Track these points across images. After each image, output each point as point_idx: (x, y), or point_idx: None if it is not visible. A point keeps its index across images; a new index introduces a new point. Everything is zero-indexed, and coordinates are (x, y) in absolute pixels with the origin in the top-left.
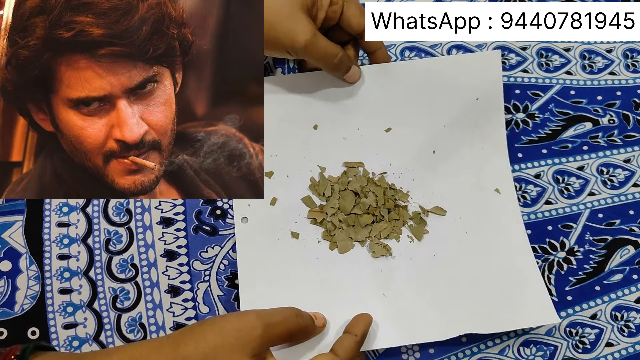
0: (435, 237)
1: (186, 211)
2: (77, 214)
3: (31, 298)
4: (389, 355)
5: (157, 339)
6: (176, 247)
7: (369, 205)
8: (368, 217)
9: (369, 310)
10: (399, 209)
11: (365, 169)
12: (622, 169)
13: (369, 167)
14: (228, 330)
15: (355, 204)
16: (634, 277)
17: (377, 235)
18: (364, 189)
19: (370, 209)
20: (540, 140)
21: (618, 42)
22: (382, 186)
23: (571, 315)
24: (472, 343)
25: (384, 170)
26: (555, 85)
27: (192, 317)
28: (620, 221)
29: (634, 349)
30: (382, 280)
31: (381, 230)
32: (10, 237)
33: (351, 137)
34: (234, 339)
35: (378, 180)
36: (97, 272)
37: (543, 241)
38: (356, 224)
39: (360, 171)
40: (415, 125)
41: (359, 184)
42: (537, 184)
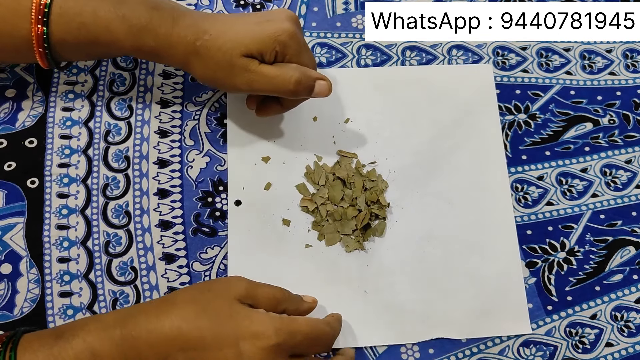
0: (425, 238)
1: (184, 214)
2: (76, 217)
3: (31, 301)
4: (389, 355)
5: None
6: (175, 250)
7: (352, 197)
8: (352, 210)
9: (349, 305)
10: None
11: (358, 161)
12: (624, 170)
13: (363, 160)
14: (213, 283)
15: (342, 197)
16: (634, 278)
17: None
18: (350, 178)
19: (354, 201)
20: (543, 142)
21: (618, 42)
22: (363, 177)
23: (571, 315)
24: (472, 343)
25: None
26: (555, 85)
27: None
28: (622, 222)
29: (634, 349)
30: (366, 276)
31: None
32: (12, 239)
33: (349, 132)
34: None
35: (368, 173)
36: (97, 274)
37: (543, 241)
38: (343, 217)
39: (353, 162)
40: (411, 126)
41: (346, 172)
42: (539, 186)
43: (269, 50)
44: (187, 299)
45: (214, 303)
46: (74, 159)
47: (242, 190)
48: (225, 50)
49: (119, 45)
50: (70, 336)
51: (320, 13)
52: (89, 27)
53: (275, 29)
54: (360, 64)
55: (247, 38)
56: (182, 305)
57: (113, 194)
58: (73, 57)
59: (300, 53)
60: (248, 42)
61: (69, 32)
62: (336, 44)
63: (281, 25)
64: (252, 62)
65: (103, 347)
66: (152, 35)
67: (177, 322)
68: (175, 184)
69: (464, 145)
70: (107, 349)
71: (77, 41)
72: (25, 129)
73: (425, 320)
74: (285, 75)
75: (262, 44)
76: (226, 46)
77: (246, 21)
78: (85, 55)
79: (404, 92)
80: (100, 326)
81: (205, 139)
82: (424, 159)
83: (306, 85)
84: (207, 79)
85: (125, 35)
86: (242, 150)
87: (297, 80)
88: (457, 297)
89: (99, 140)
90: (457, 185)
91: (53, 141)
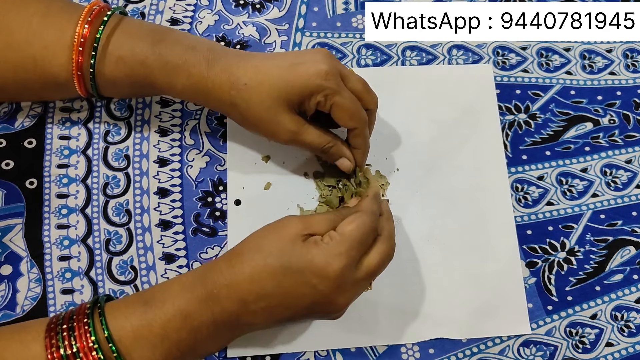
0: (425, 238)
1: (184, 214)
2: (76, 216)
3: (32, 299)
4: (389, 355)
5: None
6: (175, 250)
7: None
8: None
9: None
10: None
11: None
12: (624, 170)
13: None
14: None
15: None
16: (634, 277)
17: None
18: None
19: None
20: (543, 141)
21: (618, 42)
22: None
23: (571, 315)
24: (472, 343)
25: (377, 167)
26: (555, 85)
27: None
28: (622, 222)
29: (634, 349)
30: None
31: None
32: (11, 241)
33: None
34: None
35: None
36: (97, 272)
37: (543, 241)
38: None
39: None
40: (411, 126)
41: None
42: (540, 186)
43: (306, 98)
44: (252, 247)
45: (276, 245)
46: (73, 159)
47: (242, 190)
48: (268, 107)
49: (153, 81)
50: (159, 302)
51: (320, 13)
52: (125, 60)
53: (311, 72)
54: (360, 64)
55: (284, 91)
56: (249, 256)
57: (113, 193)
58: (111, 91)
59: (339, 92)
60: (287, 95)
61: (107, 65)
62: (336, 44)
63: (316, 67)
64: (296, 121)
65: (192, 308)
66: (185, 74)
67: (248, 271)
68: (175, 183)
69: (464, 145)
70: (196, 309)
71: (114, 75)
72: (24, 130)
73: (425, 320)
74: (321, 142)
75: (301, 93)
76: (266, 103)
77: (280, 66)
78: (122, 91)
79: (404, 92)
80: (185, 288)
81: (205, 139)
82: (424, 158)
83: (334, 157)
84: (248, 129)
85: (159, 72)
86: (242, 150)
87: (327, 151)
88: (457, 297)
89: (99, 140)
90: (457, 185)
91: (52, 142)
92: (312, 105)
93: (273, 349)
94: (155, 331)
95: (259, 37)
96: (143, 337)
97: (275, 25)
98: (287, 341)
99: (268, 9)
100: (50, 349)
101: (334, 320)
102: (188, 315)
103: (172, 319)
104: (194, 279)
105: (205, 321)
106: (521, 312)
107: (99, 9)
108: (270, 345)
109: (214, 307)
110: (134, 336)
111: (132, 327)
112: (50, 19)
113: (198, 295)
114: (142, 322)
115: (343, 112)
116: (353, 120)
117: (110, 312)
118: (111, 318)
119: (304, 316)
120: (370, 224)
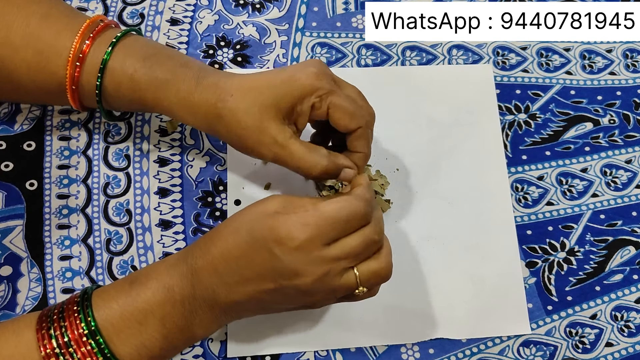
0: (424, 238)
1: (184, 214)
2: (76, 216)
3: (33, 299)
4: (389, 355)
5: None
6: (175, 250)
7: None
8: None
9: (348, 305)
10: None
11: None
12: (624, 170)
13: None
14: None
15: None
16: (634, 277)
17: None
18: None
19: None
20: (543, 141)
21: (618, 42)
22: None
23: (571, 315)
24: (472, 343)
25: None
26: (555, 85)
27: None
28: (622, 222)
29: (634, 349)
30: None
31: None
32: (11, 242)
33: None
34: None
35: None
36: (98, 272)
37: (543, 241)
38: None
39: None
40: (411, 126)
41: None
42: (540, 186)
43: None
44: (230, 222)
45: (249, 218)
46: (74, 160)
47: (242, 190)
48: (254, 114)
49: (140, 96)
50: (144, 279)
51: (320, 13)
52: (114, 72)
53: (300, 76)
54: (360, 63)
55: (272, 96)
56: (226, 230)
57: (114, 193)
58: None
59: (334, 92)
60: (275, 101)
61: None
62: (336, 44)
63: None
64: (284, 131)
65: (174, 281)
66: (174, 89)
67: (223, 245)
68: (176, 183)
69: (464, 145)
70: (178, 282)
71: (104, 86)
72: (23, 132)
73: (425, 320)
74: (312, 161)
75: (290, 95)
76: (253, 110)
77: (268, 76)
78: (113, 105)
79: (404, 92)
80: (169, 265)
81: (205, 139)
82: (424, 159)
83: (332, 174)
84: (234, 144)
85: (147, 86)
86: None
87: (323, 170)
88: (457, 297)
89: (99, 140)
90: (457, 185)
91: (52, 143)
92: (305, 109)
93: (273, 349)
94: (140, 306)
95: (258, 37)
96: (128, 314)
97: (275, 25)
98: (287, 341)
99: (268, 9)
100: (42, 341)
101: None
102: (170, 288)
103: (155, 293)
104: (177, 257)
105: (187, 295)
106: (521, 312)
107: (103, 25)
108: (270, 345)
109: (193, 280)
110: (120, 315)
111: (119, 306)
112: (50, 21)
113: (180, 270)
114: (127, 299)
115: (342, 112)
116: (354, 120)
117: (99, 296)
118: (99, 301)
119: (276, 293)
120: (358, 209)
